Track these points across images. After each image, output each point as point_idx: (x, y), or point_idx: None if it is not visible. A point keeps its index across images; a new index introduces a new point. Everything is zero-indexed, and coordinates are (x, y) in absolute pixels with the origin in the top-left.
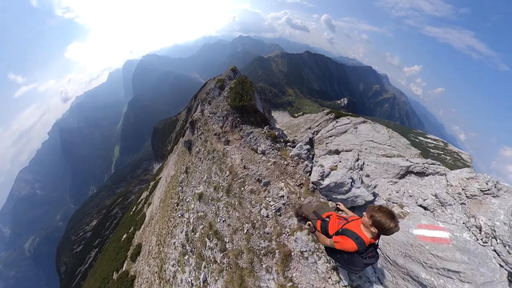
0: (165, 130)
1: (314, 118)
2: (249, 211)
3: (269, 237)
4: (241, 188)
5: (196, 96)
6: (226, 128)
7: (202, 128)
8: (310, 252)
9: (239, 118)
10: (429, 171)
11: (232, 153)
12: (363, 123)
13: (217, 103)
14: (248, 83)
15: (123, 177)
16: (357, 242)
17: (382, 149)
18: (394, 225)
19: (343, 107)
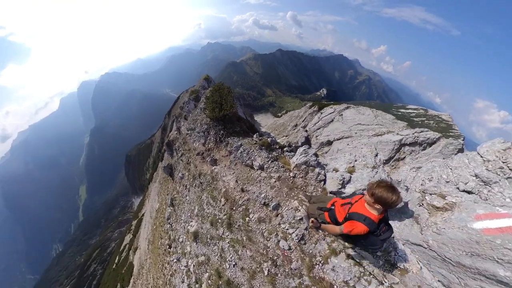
0: (140, 157)
1: (298, 114)
2: (263, 246)
3: (299, 273)
4: (245, 218)
5: (169, 113)
6: (210, 144)
7: (181, 149)
8: (356, 278)
9: (222, 131)
10: (420, 139)
11: (223, 174)
12: (347, 109)
13: (194, 117)
14: (226, 89)
15: (97, 223)
16: (366, 223)
17: (371, 130)
18: (396, 197)
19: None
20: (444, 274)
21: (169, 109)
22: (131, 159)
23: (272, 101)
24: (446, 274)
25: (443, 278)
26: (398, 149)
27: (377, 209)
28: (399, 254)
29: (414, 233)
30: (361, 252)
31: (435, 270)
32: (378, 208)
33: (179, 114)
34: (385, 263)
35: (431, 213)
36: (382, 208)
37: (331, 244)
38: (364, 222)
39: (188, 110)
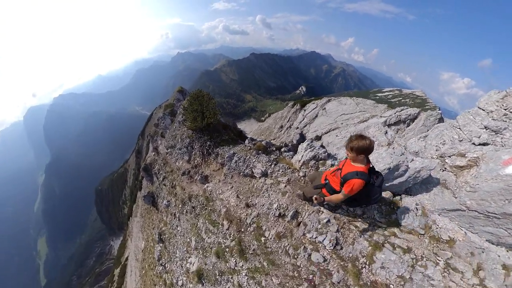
0: (114, 189)
1: (281, 115)
2: (292, 266)
3: (345, 285)
4: (259, 238)
5: (143, 133)
6: (196, 160)
7: (162, 171)
8: (410, 268)
9: (209, 142)
10: (403, 117)
11: (219, 192)
12: (329, 102)
13: (172, 132)
14: (206, 96)
15: (67, 283)
16: (360, 176)
17: (356, 117)
18: (369, 141)
19: (303, 95)
20: (490, 231)
21: (142, 129)
22: (102, 194)
23: (253, 106)
24: (493, 230)
25: (490, 236)
26: (386, 131)
27: (361, 160)
28: (440, 226)
29: (448, 200)
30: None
31: (480, 230)
32: (362, 159)
33: (155, 132)
34: (430, 240)
35: (458, 174)
36: (364, 156)
37: (371, 238)
38: (358, 176)
39: (164, 127)
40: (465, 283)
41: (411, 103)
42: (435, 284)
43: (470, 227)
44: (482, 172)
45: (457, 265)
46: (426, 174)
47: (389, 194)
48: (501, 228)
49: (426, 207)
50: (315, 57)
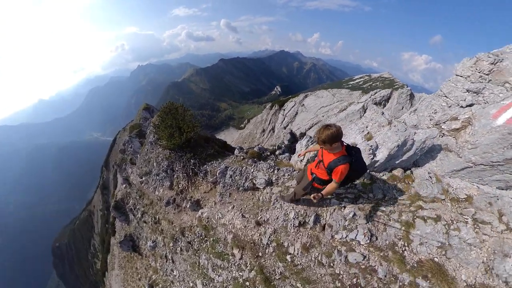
0: (76, 241)
1: (261, 118)
2: (330, 277)
3: (392, 276)
4: (284, 257)
5: (107, 163)
6: (180, 184)
7: (139, 206)
8: (445, 235)
9: (193, 159)
10: (378, 99)
11: (218, 216)
12: (306, 98)
13: (144, 156)
14: (180, 108)
15: None
16: (343, 161)
17: (335, 108)
18: (335, 128)
19: (280, 94)
20: (498, 179)
21: (106, 159)
22: (62, 252)
23: (230, 114)
24: (500, 177)
25: (499, 183)
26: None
27: (336, 147)
28: (455, 187)
29: (454, 161)
30: None
31: (489, 181)
32: (336, 146)
33: (122, 160)
34: (451, 203)
35: (456, 136)
36: (337, 142)
37: (400, 218)
38: (342, 162)
39: (133, 151)
40: (495, 232)
41: (381, 85)
42: (471, 243)
43: (480, 180)
44: (477, 129)
45: (484, 217)
46: (430, 143)
47: (400, 172)
48: (506, 173)
49: (437, 173)
50: (285, 55)
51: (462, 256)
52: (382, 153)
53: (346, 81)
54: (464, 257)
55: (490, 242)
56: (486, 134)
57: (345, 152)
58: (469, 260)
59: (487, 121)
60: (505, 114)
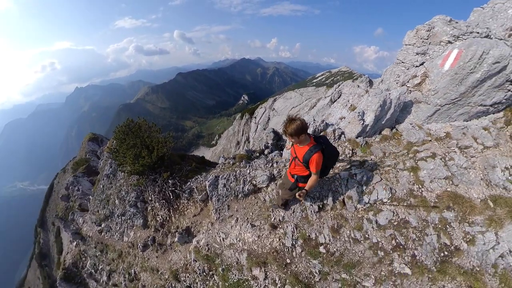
0: None
1: (233, 131)
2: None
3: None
4: (317, 251)
5: (42, 221)
6: (159, 215)
7: (103, 265)
8: (445, 167)
9: (171, 180)
10: (343, 91)
11: (219, 238)
12: (275, 102)
13: (100, 196)
14: (142, 123)
15: None
16: (314, 151)
17: (305, 106)
18: (299, 121)
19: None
20: (461, 112)
21: (40, 215)
22: None
23: (197, 132)
24: (462, 111)
25: (463, 116)
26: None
27: (304, 139)
28: (434, 129)
29: (426, 109)
30: None
31: (456, 117)
32: (303, 138)
33: (67, 210)
34: (437, 141)
35: (420, 89)
36: (304, 134)
37: (405, 165)
38: (313, 151)
39: (82, 195)
40: (477, 152)
41: (342, 78)
42: (466, 166)
43: (449, 119)
44: (433, 78)
45: (465, 143)
46: (403, 98)
47: (388, 131)
48: (465, 106)
49: (417, 122)
50: (246, 63)
51: (465, 179)
52: (370, 116)
53: (310, 80)
54: (467, 180)
55: (478, 161)
56: (441, 79)
57: (314, 142)
58: (471, 181)
59: (438, 70)
60: (448, 61)
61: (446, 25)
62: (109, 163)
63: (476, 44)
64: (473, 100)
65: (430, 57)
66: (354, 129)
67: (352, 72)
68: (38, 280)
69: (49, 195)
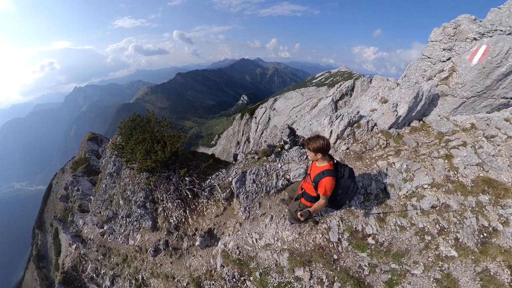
0: None
1: (233, 131)
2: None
3: (461, 204)
4: (364, 243)
5: (40, 222)
6: (173, 217)
7: (106, 270)
8: (476, 154)
9: (187, 177)
10: (344, 90)
11: (251, 239)
12: (276, 101)
13: (102, 196)
14: (151, 119)
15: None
16: (327, 174)
17: (306, 106)
18: (323, 139)
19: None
20: (485, 105)
21: (38, 216)
22: None
23: (197, 133)
24: (486, 103)
25: (486, 108)
26: (336, 107)
27: (323, 159)
28: (460, 121)
29: (452, 101)
30: None
31: (480, 109)
32: (323, 158)
33: (66, 210)
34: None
35: (447, 82)
36: (324, 154)
37: (439, 153)
38: (325, 175)
39: (82, 195)
40: (502, 140)
41: (341, 78)
42: (494, 153)
43: (473, 111)
44: (461, 71)
45: (491, 133)
46: (434, 91)
47: (416, 123)
48: (489, 98)
49: (443, 115)
50: (246, 63)
51: (495, 165)
52: (403, 107)
53: (310, 80)
54: (496, 166)
55: (503, 149)
56: (469, 73)
57: (331, 167)
58: (500, 167)
59: (466, 64)
60: (476, 56)
61: (472, 23)
62: (113, 161)
63: (503, 41)
64: (496, 93)
65: (457, 52)
66: (387, 120)
67: (351, 72)
68: (35, 282)
69: (47, 195)
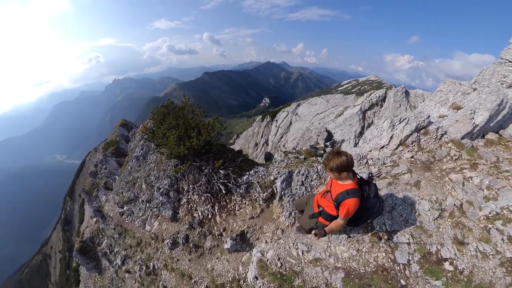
0: None
1: (252, 132)
2: (502, 267)
3: None
4: (439, 269)
5: (71, 191)
6: (199, 210)
7: (119, 249)
8: None
9: (222, 170)
10: (374, 100)
11: (296, 250)
12: (299, 106)
13: (127, 177)
14: (185, 105)
15: None
16: (352, 195)
17: (331, 113)
18: (346, 157)
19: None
20: None
21: (70, 186)
22: None
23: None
24: None
25: None
26: (364, 117)
27: (347, 177)
28: None
29: None
30: None
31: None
32: (347, 176)
33: (93, 186)
34: None
35: None
36: (347, 172)
37: None
38: (350, 195)
39: (108, 173)
40: None
41: (370, 88)
42: None
43: None
44: None
45: None
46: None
47: (493, 135)
48: None
49: None
50: (271, 66)
51: None
52: (482, 115)
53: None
54: None
55: None
56: None
57: (355, 185)
58: None
59: None
60: None
61: None
62: (141, 145)
63: None
64: None
65: None
66: (461, 129)
67: (381, 82)
68: (59, 241)
69: (80, 169)
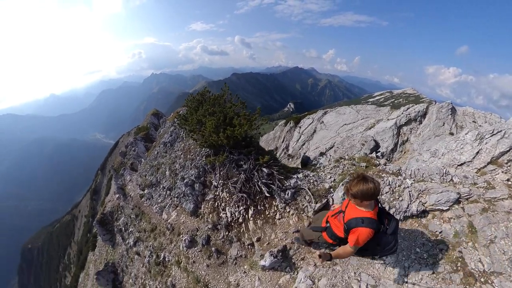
0: (51, 248)
1: (274, 136)
2: None
3: None
4: None
5: (103, 166)
6: (227, 211)
7: (133, 229)
8: None
9: (265, 168)
10: (413, 115)
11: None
12: (326, 114)
13: (152, 162)
14: (224, 93)
15: None
16: (367, 225)
17: (360, 125)
18: (373, 184)
19: (292, 112)
20: None
21: (103, 161)
22: (32, 256)
23: None
24: None
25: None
26: (398, 133)
27: (367, 205)
28: None
29: None
30: None
31: None
32: (367, 204)
33: (121, 164)
34: None
35: None
36: (369, 201)
37: None
38: (364, 225)
39: (136, 155)
40: None
41: (406, 101)
42: None
43: None
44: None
45: None
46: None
47: None
48: None
49: None
50: (298, 72)
51: None
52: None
53: (365, 99)
54: None
55: None
56: None
57: (374, 216)
58: None
59: None
60: None
61: None
62: (170, 131)
63: None
64: None
65: None
66: None
67: (419, 96)
68: (87, 207)
69: (113, 149)
